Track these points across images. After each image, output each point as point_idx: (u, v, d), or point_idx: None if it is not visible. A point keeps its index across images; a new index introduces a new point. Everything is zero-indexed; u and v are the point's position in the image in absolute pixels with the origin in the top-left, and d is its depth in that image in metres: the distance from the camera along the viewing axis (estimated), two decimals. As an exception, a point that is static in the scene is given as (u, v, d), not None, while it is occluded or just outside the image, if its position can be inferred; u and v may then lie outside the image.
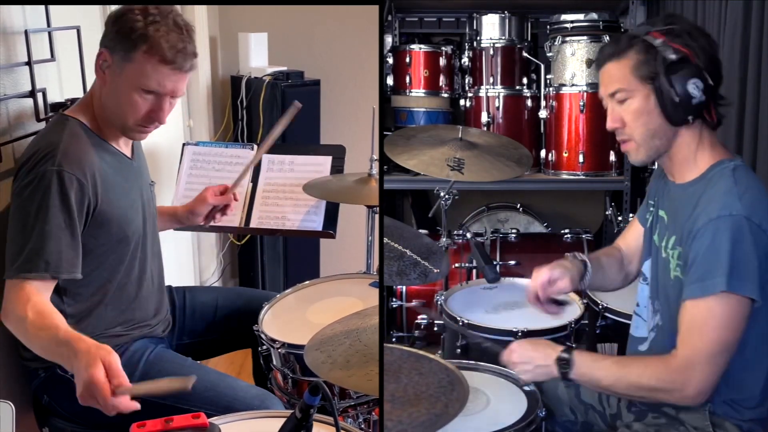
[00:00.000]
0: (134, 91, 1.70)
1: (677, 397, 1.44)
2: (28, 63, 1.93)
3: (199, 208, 2.17)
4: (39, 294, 1.59)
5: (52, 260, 1.61)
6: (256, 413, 1.59)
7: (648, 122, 1.50)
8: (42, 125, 1.99)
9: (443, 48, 3.35)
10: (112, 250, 1.78)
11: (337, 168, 2.45)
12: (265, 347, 1.95)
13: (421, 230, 2.92)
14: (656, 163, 1.64)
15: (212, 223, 2.23)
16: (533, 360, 1.56)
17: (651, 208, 1.68)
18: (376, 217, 2.58)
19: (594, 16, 3.10)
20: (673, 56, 1.44)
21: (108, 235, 1.76)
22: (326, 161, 2.46)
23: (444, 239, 2.53)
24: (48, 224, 1.61)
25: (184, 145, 2.55)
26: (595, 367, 1.51)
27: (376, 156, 2.40)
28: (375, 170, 2.36)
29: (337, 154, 2.48)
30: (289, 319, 2.04)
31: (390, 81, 3.38)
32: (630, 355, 1.71)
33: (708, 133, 1.52)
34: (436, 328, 2.26)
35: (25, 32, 1.91)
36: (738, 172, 1.47)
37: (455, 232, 3.01)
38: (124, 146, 1.85)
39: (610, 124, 1.56)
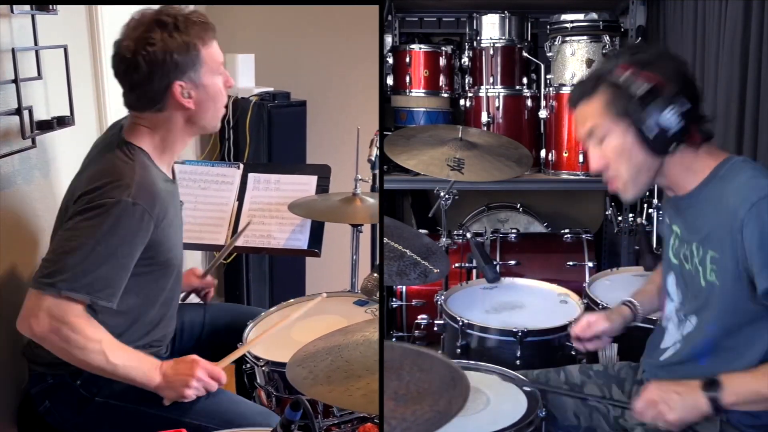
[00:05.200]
0: (216, 81, 1.78)
1: None
2: (15, 81, 1.92)
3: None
4: (82, 314, 1.62)
5: (97, 285, 1.60)
6: (243, 431, 1.60)
7: (630, 158, 1.47)
8: (28, 143, 1.97)
9: (443, 48, 3.35)
10: (155, 276, 1.78)
11: (323, 187, 2.46)
12: (249, 365, 1.94)
13: (421, 230, 2.92)
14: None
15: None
16: (678, 392, 1.44)
17: (667, 221, 1.65)
18: (361, 236, 2.61)
19: (594, 16, 3.10)
20: (643, 87, 1.41)
21: (156, 262, 1.75)
22: (312, 180, 2.47)
23: (444, 239, 2.53)
24: (108, 250, 1.60)
25: None
26: (750, 379, 1.40)
27: (360, 176, 2.42)
28: (359, 189, 2.38)
29: (323, 173, 2.49)
30: (274, 337, 2.03)
31: (390, 81, 3.39)
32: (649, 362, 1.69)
33: (700, 148, 1.49)
34: (436, 328, 2.26)
35: (12, 50, 1.90)
36: (749, 162, 1.46)
37: (455, 232, 3.01)
38: (171, 170, 1.87)
39: (593, 167, 1.53)
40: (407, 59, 3.33)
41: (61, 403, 1.77)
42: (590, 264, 2.92)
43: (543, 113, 3.22)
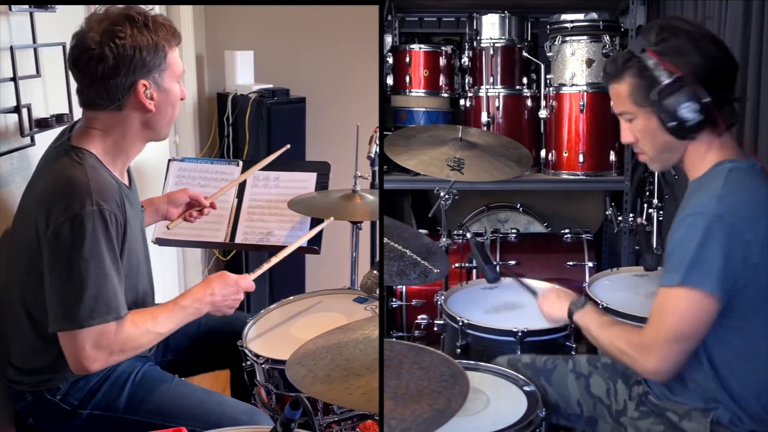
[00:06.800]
0: (176, 87, 1.76)
1: (637, 367, 1.54)
2: (14, 78, 1.92)
3: (177, 195, 2.18)
4: (118, 327, 1.62)
5: (112, 303, 1.59)
6: (240, 429, 1.59)
7: (654, 140, 1.55)
8: (26, 140, 1.97)
9: (443, 48, 3.35)
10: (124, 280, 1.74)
11: (322, 184, 2.47)
12: (249, 363, 1.94)
13: (421, 230, 2.92)
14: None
15: (187, 219, 2.21)
16: (559, 294, 1.88)
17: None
18: (360, 233, 2.61)
19: (594, 15, 3.10)
20: (665, 80, 1.46)
21: (124, 266, 1.71)
22: (311, 177, 2.48)
23: (444, 239, 2.53)
24: (101, 267, 1.58)
25: (169, 161, 2.56)
26: (595, 318, 1.69)
27: (360, 173, 2.42)
28: (359, 186, 2.39)
29: (322, 170, 2.50)
30: (273, 334, 2.04)
31: (390, 81, 3.38)
32: None
33: (720, 136, 1.51)
34: (436, 328, 2.26)
35: (11, 48, 1.91)
36: (733, 173, 1.47)
37: (455, 232, 3.01)
38: (125, 176, 1.82)
39: (623, 140, 1.61)
40: (407, 59, 3.32)
41: (45, 419, 1.76)
42: (590, 264, 2.92)
43: (543, 113, 3.22)
